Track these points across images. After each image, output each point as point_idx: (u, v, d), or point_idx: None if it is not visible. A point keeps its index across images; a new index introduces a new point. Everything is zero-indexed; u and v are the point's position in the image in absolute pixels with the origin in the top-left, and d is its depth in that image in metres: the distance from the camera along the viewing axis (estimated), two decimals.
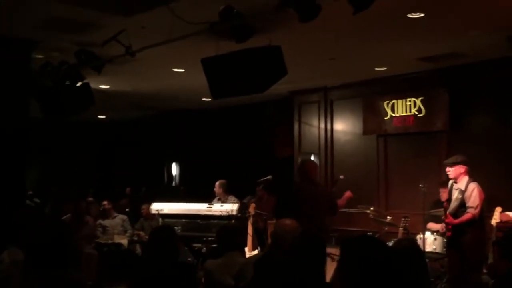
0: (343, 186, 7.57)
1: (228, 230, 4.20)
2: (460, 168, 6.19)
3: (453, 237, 6.16)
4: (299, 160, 6.53)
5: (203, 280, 4.09)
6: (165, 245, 3.79)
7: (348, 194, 6.68)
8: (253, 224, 7.44)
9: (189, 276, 3.83)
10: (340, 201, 6.52)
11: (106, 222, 9.01)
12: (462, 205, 6.12)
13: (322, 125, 9.70)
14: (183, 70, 8.00)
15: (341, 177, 7.37)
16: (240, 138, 11.33)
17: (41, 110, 6.78)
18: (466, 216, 6.02)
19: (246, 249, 6.84)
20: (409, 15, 5.58)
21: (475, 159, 6.58)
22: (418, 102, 8.36)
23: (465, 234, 6.02)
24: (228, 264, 3.92)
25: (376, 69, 8.21)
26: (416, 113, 8.37)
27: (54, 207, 8.70)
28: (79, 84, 6.53)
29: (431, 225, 7.13)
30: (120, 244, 8.42)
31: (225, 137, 11.55)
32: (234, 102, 9.34)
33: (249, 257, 3.78)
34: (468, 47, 6.95)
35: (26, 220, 4.84)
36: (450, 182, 6.36)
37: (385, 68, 8.20)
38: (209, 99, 10.29)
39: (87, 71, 6.40)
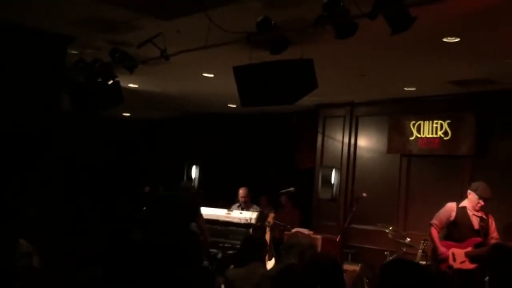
0: (364, 204, 7.55)
1: (255, 241, 4.22)
2: None
3: None
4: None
5: (222, 287, 4.12)
6: (190, 250, 3.83)
7: None
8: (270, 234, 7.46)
9: (209, 282, 3.85)
10: None
11: None
12: None
13: (346, 140, 9.68)
14: (212, 75, 8.05)
15: (364, 194, 7.35)
16: (263, 146, 11.32)
17: (72, 105, 6.90)
18: None
19: None
20: (444, 39, 5.56)
21: (499, 185, 6.53)
22: (445, 125, 8.30)
23: None
24: (250, 275, 3.94)
25: (406, 89, 8.18)
26: (442, 135, 8.32)
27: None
28: (110, 82, 6.64)
29: None
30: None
31: (247, 144, 11.55)
32: (259, 110, 9.31)
33: (268, 270, 3.78)
34: (501, 74, 6.91)
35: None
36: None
37: (414, 89, 8.17)
38: (235, 105, 10.34)
39: (119, 70, 6.49)
